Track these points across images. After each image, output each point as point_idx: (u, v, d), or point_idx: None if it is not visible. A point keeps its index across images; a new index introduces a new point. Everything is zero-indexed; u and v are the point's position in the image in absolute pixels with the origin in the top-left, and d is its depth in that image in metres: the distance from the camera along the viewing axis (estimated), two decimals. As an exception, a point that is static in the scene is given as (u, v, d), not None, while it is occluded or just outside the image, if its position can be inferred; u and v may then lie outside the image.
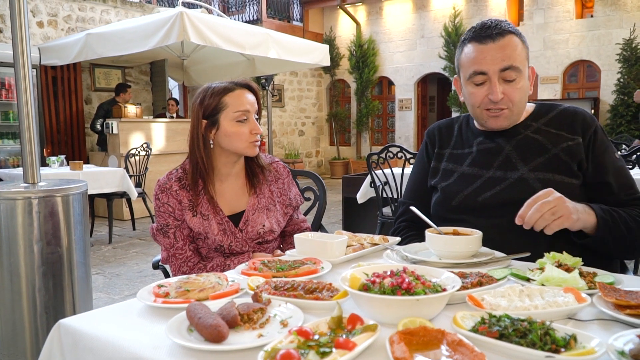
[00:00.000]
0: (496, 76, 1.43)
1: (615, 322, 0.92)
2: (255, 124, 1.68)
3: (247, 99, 1.68)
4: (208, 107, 1.66)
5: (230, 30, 6.27)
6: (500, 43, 1.43)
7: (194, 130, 1.68)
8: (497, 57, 1.42)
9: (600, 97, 9.72)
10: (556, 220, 1.23)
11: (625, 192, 1.45)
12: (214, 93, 1.66)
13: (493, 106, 1.47)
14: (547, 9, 10.15)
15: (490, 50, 1.43)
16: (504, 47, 1.42)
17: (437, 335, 0.81)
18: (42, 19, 7.98)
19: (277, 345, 0.79)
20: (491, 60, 1.43)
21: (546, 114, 1.56)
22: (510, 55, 1.42)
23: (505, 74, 1.43)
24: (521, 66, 1.45)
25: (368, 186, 4.24)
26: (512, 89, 1.45)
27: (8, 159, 7.28)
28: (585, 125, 1.50)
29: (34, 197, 2.25)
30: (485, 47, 1.44)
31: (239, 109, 1.65)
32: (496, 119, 1.49)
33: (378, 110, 12.69)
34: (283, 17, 12.37)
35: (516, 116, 1.51)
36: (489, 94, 1.45)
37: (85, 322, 1.01)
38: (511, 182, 1.48)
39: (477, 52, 1.45)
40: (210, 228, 1.67)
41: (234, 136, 1.65)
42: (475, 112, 1.54)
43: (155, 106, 9.31)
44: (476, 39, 1.46)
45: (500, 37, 1.43)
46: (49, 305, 2.32)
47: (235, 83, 1.69)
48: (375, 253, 1.47)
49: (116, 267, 4.73)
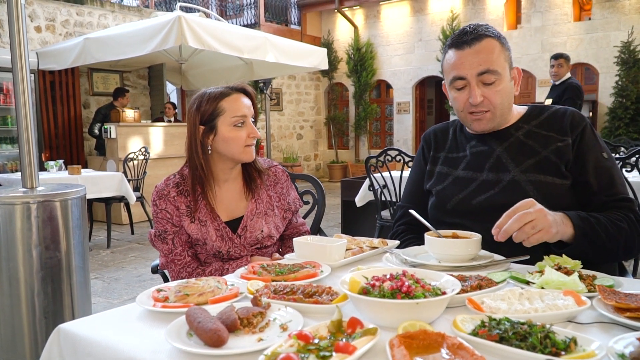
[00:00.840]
0: (474, 80, 1.46)
1: (615, 325, 0.92)
2: (252, 127, 1.68)
3: (244, 103, 1.68)
4: (205, 112, 1.65)
5: (228, 34, 6.29)
6: (476, 48, 1.45)
7: (192, 137, 1.67)
8: (474, 61, 1.45)
9: (598, 99, 9.74)
10: (536, 235, 1.20)
11: (606, 193, 1.43)
12: (210, 98, 1.65)
13: (475, 109, 1.49)
14: (544, 12, 10.19)
15: (467, 56, 1.46)
16: (479, 52, 1.45)
17: (437, 339, 0.80)
18: (40, 24, 7.99)
19: (277, 349, 0.79)
20: (469, 65, 1.46)
21: (538, 116, 1.57)
22: (486, 59, 1.45)
23: (484, 78, 1.46)
24: (499, 69, 1.46)
25: (367, 189, 4.23)
26: (491, 91, 1.47)
27: (6, 164, 7.27)
28: (573, 124, 1.51)
29: (32, 201, 2.25)
30: (463, 52, 1.47)
31: (236, 114, 1.65)
32: (479, 122, 1.51)
33: (376, 113, 12.71)
34: (281, 20, 12.39)
35: (499, 118, 1.52)
36: (469, 97, 1.47)
37: (84, 327, 1.01)
38: (504, 185, 1.48)
39: (455, 57, 1.49)
40: (209, 234, 1.67)
41: (231, 141, 1.65)
42: (461, 116, 1.56)
43: (153, 110, 9.31)
44: (454, 45, 1.50)
45: (476, 42, 1.46)
46: (48, 310, 2.31)
47: (231, 88, 1.69)
48: (374, 256, 1.47)
49: (115, 271, 4.72)
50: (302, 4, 12.65)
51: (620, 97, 9.13)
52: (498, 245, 1.39)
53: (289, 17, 12.58)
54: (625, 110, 9.02)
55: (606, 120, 9.38)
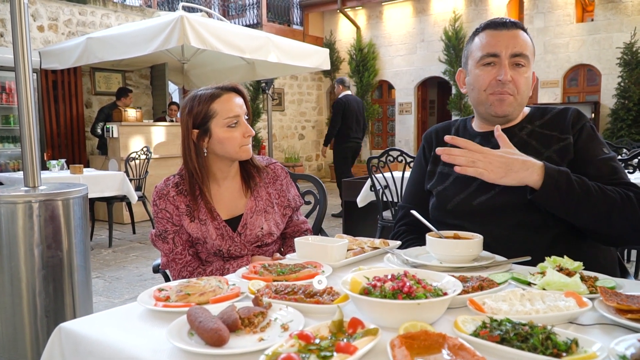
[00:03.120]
0: (507, 59, 1.49)
1: (617, 327, 0.92)
2: (246, 126, 1.68)
3: (236, 102, 1.67)
4: (197, 116, 1.65)
5: (231, 34, 6.29)
6: (514, 32, 1.51)
7: (185, 140, 1.67)
8: (510, 42, 1.50)
9: (600, 101, 9.72)
10: (470, 169, 1.32)
11: (608, 179, 1.41)
12: (202, 101, 1.64)
13: (500, 89, 1.50)
14: (547, 13, 10.17)
15: (504, 36, 1.51)
16: (516, 36, 1.51)
17: (438, 340, 0.80)
18: (42, 23, 8.00)
19: (277, 349, 0.79)
20: (505, 44, 1.50)
21: (541, 116, 1.58)
22: (522, 44, 1.50)
23: (516, 59, 1.50)
24: (530, 57, 1.52)
25: (368, 190, 4.23)
26: (520, 75, 1.50)
27: (8, 163, 7.28)
28: (574, 122, 1.52)
29: (34, 200, 2.26)
30: (500, 33, 1.52)
31: (229, 115, 1.64)
32: (501, 102, 1.51)
33: (378, 114, 12.70)
34: (283, 21, 12.39)
35: (519, 106, 1.54)
36: (498, 75, 1.49)
37: (86, 326, 1.01)
38: (506, 185, 1.47)
39: (491, 37, 1.53)
40: (209, 233, 1.67)
41: (226, 142, 1.65)
42: (481, 97, 1.55)
43: (155, 110, 9.32)
44: (491, 27, 1.54)
45: (514, 28, 1.52)
46: (49, 309, 2.31)
47: (221, 88, 1.67)
48: (375, 257, 1.47)
49: (116, 270, 4.73)
50: (305, 4, 12.65)
51: (623, 99, 9.10)
52: (499, 246, 1.40)
53: (291, 17, 12.58)
54: (627, 111, 9.00)
55: (608, 121, 9.36)
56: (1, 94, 7.07)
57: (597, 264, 1.35)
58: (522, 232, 1.44)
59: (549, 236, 1.43)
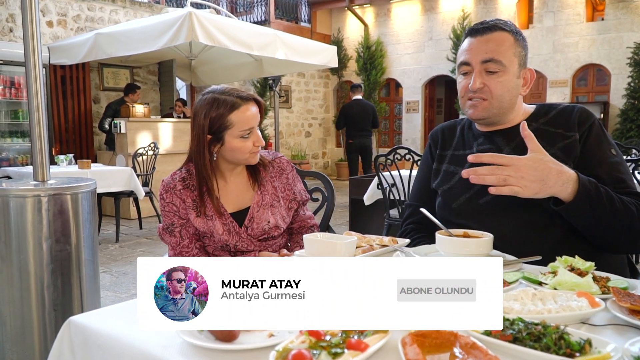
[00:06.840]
0: (478, 67, 1.49)
1: (630, 328, 0.91)
2: (258, 136, 1.69)
3: (252, 113, 1.67)
4: (214, 123, 1.64)
5: (239, 31, 6.28)
6: (487, 37, 1.49)
7: (199, 144, 1.66)
8: (481, 49, 1.48)
9: (610, 101, 9.66)
10: (503, 188, 1.26)
11: (615, 186, 1.39)
12: (219, 109, 1.63)
13: (473, 95, 1.50)
14: (557, 12, 10.11)
15: (477, 43, 1.50)
16: (488, 41, 1.49)
17: (449, 338, 0.80)
18: (51, 19, 8.03)
19: (288, 345, 0.79)
20: (475, 52, 1.49)
21: (546, 114, 1.56)
22: (493, 49, 1.47)
23: (487, 66, 1.48)
24: (505, 61, 1.47)
25: (375, 188, 4.23)
26: (493, 81, 1.48)
27: (17, 157, 7.32)
28: (581, 120, 1.49)
29: (43, 194, 2.26)
30: (474, 39, 1.51)
31: (244, 127, 1.65)
32: (475, 108, 1.52)
33: (385, 112, 12.67)
34: (291, 18, 12.38)
35: (497, 110, 1.51)
36: (469, 83, 1.50)
37: (95, 320, 1.01)
38: None
39: (467, 44, 1.53)
40: (215, 228, 1.68)
41: (237, 150, 1.66)
42: (461, 102, 1.58)
43: (162, 106, 9.34)
44: (469, 34, 1.55)
45: (487, 32, 1.50)
46: (57, 303, 2.33)
47: (240, 97, 1.66)
48: (384, 254, 1.46)
49: (123, 265, 4.75)
50: (313, 1, 12.63)
51: (633, 99, 9.04)
52: (505, 245, 1.38)
53: (299, 15, 12.56)
54: (637, 112, 8.93)
55: (618, 122, 9.29)
56: (10, 88, 7.11)
57: (605, 264, 1.34)
58: (528, 232, 1.43)
59: (555, 236, 1.42)
